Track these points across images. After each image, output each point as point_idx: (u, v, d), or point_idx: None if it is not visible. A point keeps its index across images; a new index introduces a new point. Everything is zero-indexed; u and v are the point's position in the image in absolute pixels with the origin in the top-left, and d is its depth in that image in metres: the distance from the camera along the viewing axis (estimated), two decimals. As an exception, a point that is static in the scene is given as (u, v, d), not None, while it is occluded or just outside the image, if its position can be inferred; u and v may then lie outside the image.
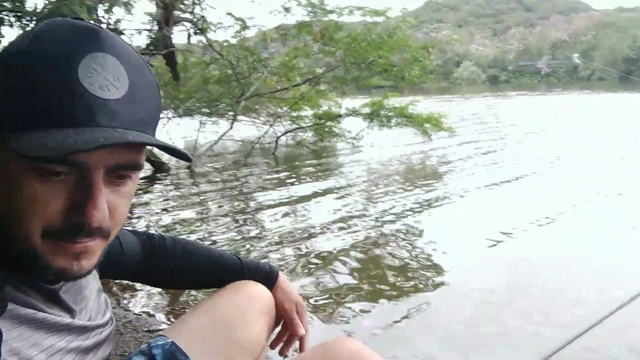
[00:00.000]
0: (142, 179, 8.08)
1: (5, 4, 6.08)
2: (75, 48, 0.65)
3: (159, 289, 3.29)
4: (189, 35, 8.58)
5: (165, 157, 8.91)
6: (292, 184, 7.33)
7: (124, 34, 7.96)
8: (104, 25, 7.74)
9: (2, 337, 0.66)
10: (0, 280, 0.69)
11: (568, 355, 2.05)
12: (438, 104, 22.52)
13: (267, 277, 1.37)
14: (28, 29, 6.55)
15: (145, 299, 3.28)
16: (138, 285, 3.33)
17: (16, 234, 0.68)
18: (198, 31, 8.44)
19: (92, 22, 0.69)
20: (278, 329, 1.43)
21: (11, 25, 7.05)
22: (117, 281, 3.29)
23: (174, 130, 9.81)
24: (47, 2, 5.69)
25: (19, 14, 6.58)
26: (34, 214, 0.66)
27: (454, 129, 11.26)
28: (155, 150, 8.59)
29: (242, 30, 9.81)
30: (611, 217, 5.06)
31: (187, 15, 8.49)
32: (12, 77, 0.64)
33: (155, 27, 7.89)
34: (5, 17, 6.64)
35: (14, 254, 0.69)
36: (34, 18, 6.14)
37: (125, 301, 3.25)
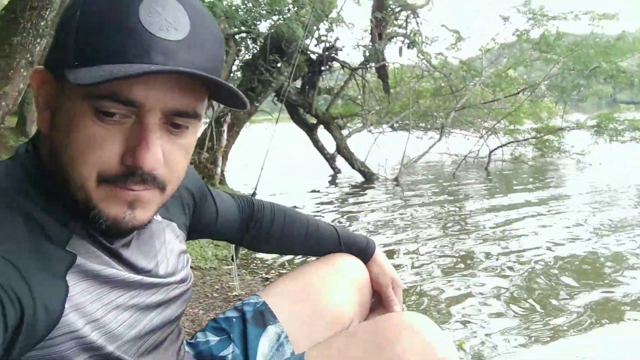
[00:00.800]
0: (353, 187, 8.53)
1: (242, 28, 6.99)
2: None
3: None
4: (401, 49, 8.80)
5: (373, 167, 9.25)
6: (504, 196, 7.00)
7: (341, 49, 8.56)
8: (322, 44, 8.45)
9: (69, 291, 0.68)
10: (69, 232, 0.71)
11: None
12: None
13: (363, 250, 1.34)
14: (258, 47, 7.48)
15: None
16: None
17: (72, 179, 0.67)
18: (410, 45, 8.60)
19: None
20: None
21: (247, 47, 8.10)
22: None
23: (388, 143, 10.12)
24: (271, 23, 6.38)
25: (252, 35, 7.52)
26: (90, 157, 0.66)
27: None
28: (368, 160, 9.08)
29: (457, 42, 9.73)
30: None
31: (401, 30, 8.74)
32: (79, 17, 0.66)
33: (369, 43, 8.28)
34: (242, 39, 7.65)
35: (70, 202, 0.69)
36: (262, 38, 6.92)
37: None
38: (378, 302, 1.38)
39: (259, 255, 4.18)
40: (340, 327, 1.20)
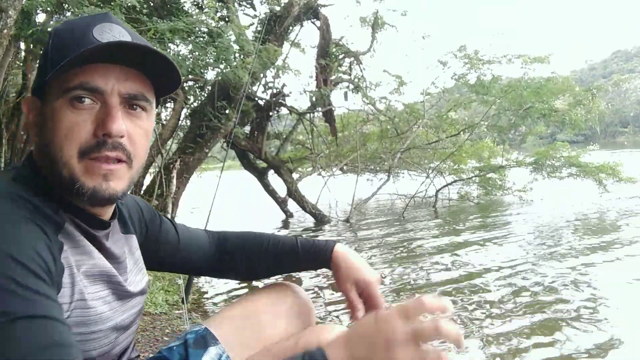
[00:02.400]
0: (305, 230, 8.60)
1: (190, 76, 7.10)
2: (91, 20, 0.92)
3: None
4: (346, 94, 9.09)
5: (325, 209, 9.36)
6: (453, 234, 7.21)
7: (289, 95, 8.79)
8: (269, 90, 8.66)
9: (64, 247, 0.85)
10: (61, 222, 0.88)
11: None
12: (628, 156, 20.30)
13: (323, 252, 1.30)
14: (206, 94, 7.60)
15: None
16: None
17: (60, 160, 0.86)
18: (355, 90, 8.91)
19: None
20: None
21: (195, 95, 8.19)
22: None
23: (338, 186, 10.30)
24: (218, 71, 6.52)
25: (200, 84, 7.63)
26: (70, 138, 0.85)
27: (635, 179, 9.92)
28: (319, 203, 9.21)
29: (400, 87, 10.14)
30: None
31: (345, 76, 9.05)
32: (50, 44, 0.91)
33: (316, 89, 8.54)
34: (190, 87, 7.75)
35: (56, 180, 0.88)
36: (209, 86, 7.04)
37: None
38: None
39: (209, 295, 4.16)
40: None
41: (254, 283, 4.15)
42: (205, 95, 7.57)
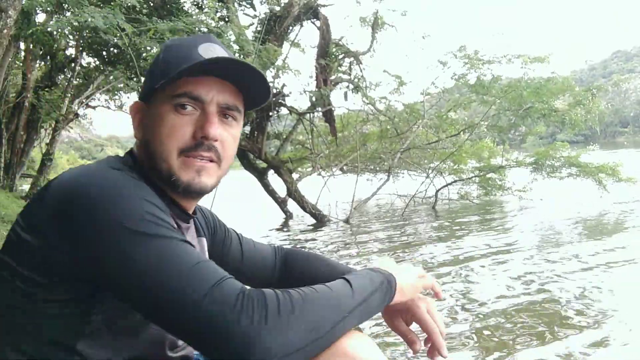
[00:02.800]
0: (305, 229, 8.61)
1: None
2: (196, 40, 1.07)
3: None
4: (346, 94, 9.10)
5: (324, 209, 9.37)
6: (452, 234, 7.21)
7: (288, 95, 8.80)
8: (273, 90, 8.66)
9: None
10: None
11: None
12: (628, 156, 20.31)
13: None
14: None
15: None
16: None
17: (160, 156, 1.01)
18: (355, 90, 8.92)
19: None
20: None
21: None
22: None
23: (338, 186, 10.30)
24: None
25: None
26: (173, 138, 1.00)
27: (634, 179, 9.93)
28: (319, 203, 9.21)
29: (400, 87, 10.14)
30: None
31: (345, 76, 9.06)
32: (161, 57, 1.06)
33: (316, 89, 8.54)
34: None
35: (155, 172, 1.02)
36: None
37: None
38: None
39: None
40: None
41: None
42: (205, 95, 7.54)
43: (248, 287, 0.85)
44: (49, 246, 0.86)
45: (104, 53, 8.36)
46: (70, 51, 12.53)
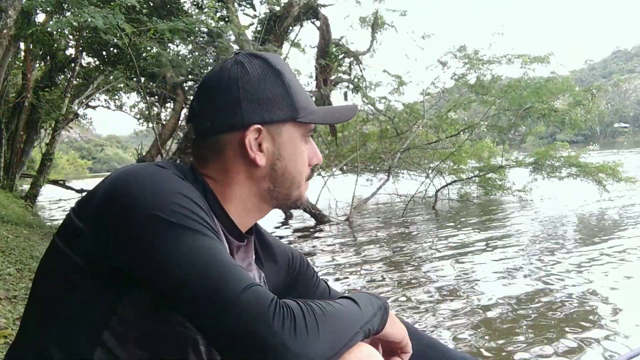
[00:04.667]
0: (305, 229, 8.62)
1: (190, 76, 7.08)
2: (281, 65, 1.06)
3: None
4: (346, 94, 9.11)
5: (324, 209, 9.37)
6: (452, 234, 7.21)
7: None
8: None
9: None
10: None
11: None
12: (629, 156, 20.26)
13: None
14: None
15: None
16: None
17: (295, 182, 1.08)
18: (355, 90, 8.92)
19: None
20: None
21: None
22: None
23: (338, 186, 10.31)
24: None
25: (198, 82, 7.63)
26: (304, 165, 1.09)
27: (634, 179, 9.85)
28: (319, 203, 9.22)
29: (399, 87, 10.14)
30: None
31: (345, 76, 9.06)
32: (290, 92, 1.05)
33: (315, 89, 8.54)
34: (190, 87, 7.73)
35: (289, 200, 1.10)
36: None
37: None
38: None
39: None
40: None
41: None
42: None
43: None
44: (91, 231, 0.88)
45: (104, 53, 8.37)
46: (70, 51, 12.51)
